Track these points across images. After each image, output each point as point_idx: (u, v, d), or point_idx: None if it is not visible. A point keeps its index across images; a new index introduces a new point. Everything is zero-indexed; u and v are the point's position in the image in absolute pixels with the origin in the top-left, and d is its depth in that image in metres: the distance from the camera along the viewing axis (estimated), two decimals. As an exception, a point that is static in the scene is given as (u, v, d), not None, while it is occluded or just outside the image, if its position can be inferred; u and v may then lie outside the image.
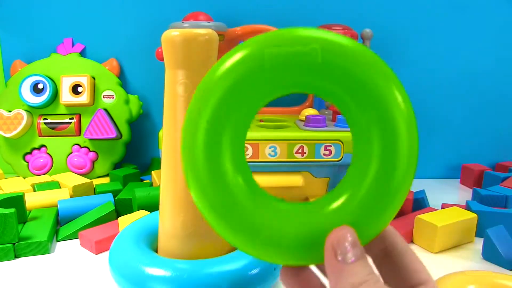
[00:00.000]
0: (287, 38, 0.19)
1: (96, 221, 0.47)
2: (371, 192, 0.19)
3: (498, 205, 0.52)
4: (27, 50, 0.69)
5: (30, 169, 0.64)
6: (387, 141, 0.19)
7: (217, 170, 0.19)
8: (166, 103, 0.33)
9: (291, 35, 0.19)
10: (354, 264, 0.18)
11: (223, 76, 0.19)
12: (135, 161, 0.71)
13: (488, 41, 0.68)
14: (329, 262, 0.18)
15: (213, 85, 0.19)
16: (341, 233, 0.18)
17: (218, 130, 0.19)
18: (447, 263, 0.41)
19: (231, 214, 0.20)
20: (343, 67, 0.19)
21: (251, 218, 0.20)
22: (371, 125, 0.19)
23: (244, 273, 0.30)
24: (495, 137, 0.72)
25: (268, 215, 0.20)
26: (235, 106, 0.19)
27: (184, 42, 0.30)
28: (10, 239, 0.41)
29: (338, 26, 0.57)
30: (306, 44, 0.18)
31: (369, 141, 0.19)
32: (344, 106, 0.20)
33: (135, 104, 0.67)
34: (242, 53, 0.19)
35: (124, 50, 0.69)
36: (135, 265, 0.31)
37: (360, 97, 0.19)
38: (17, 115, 0.63)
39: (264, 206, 0.20)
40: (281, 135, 0.50)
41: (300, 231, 0.19)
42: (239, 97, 0.19)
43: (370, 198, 0.19)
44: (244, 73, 0.19)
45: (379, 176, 0.19)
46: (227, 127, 0.19)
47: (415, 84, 0.69)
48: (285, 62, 0.18)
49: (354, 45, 0.19)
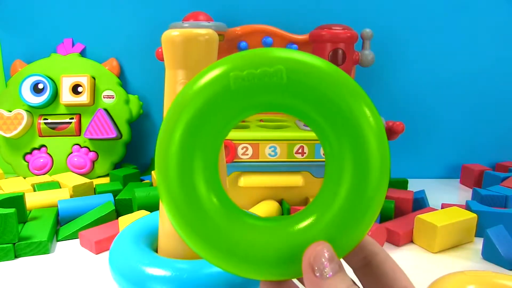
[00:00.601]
0: (252, 60, 0.19)
1: (96, 221, 0.47)
2: (344, 207, 0.19)
3: (498, 205, 0.52)
4: (27, 50, 0.69)
5: (30, 169, 0.64)
6: (358, 157, 0.19)
7: (190, 190, 0.20)
8: (166, 103, 0.33)
9: (256, 57, 0.19)
10: (333, 278, 0.18)
11: (192, 98, 0.19)
12: (135, 161, 0.71)
13: (488, 41, 0.68)
14: (308, 278, 0.18)
15: (183, 108, 0.19)
16: (317, 249, 0.18)
17: (190, 151, 0.19)
18: (447, 263, 0.41)
19: (206, 233, 0.20)
20: (309, 85, 0.19)
21: (227, 237, 0.20)
22: (341, 141, 0.19)
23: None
24: (495, 137, 0.72)
25: (243, 233, 0.20)
26: (205, 128, 0.19)
27: (184, 42, 0.30)
28: (10, 239, 0.41)
29: (338, 26, 0.57)
30: (271, 65, 0.19)
31: (340, 157, 0.19)
32: (315, 124, 0.20)
33: (135, 104, 0.67)
34: (209, 76, 0.19)
35: (124, 50, 0.69)
36: (135, 265, 0.31)
37: (329, 114, 0.19)
38: (17, 115, 0.63)
39: (240, 223, 0.20)
40: (281, 135, 0.50)
41: (277, 248, 0.20)
42: (209, 118, 0.19)
43: (344, 212, 0.19)
44: (211, 96, 0.19)
45: (352, 191, 0.19)
46: (198, 148, 0.20)
47: (415, 84, 0.69)
48: (250, 84, 0.19)
49: (321, 63, 0.19)
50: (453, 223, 0.43)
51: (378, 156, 0.19)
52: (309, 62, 0.19)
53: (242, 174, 0.51)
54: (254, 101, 0.20)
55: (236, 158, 0.50)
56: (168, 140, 0.20)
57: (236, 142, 0.49)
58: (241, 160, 0.50)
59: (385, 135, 0.20)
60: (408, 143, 0.70)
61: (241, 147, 0.49)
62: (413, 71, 0.69)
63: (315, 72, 0.19)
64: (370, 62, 0.59)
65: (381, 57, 0.65)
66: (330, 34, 0.57)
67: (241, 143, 0.49)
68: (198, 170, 0.20)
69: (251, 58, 0.19)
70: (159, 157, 0.20)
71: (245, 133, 0.50)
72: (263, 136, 0.50)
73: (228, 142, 0.49)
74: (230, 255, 0.20)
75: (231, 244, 0.20)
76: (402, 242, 0.45)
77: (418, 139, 0.71)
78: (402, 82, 0.69)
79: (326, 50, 0.57)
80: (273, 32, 0.62)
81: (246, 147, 0.50)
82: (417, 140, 0.71)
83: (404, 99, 0.70)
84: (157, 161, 0.20)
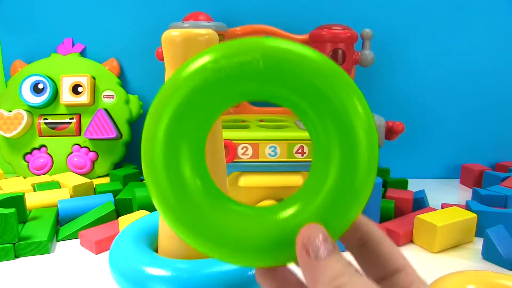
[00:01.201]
0: (230, 50, 0.19)
1: (96, 221, 0.47)
2: (335, 188, 0.19)
3: (498, 205, 0.52)
4: (27, 50, 0.69)
5: (30, 169, 0.64)
6: (345, 137, 0.19)
7: (176, 175, 0.20)
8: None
9: (234, 47, 0.19)
10: (328, 259, 0.17)
11: (178, 88, 0.19)
12: (135, 161, 0.71)
13: (488, 40, 0.68)
14: (303, 261, 0.18)
15: (169, 96, 0.20)
16: (310, 231, 0.18)
17: (176, 138, 0.20)
18: (447, 263, 0.41)
19: (193, 220, 0.20)
20: (287, 70, 0.19)
21: (216, 224, 0.20)
22: (326, 124, 0.19)
23: (243, 273, 0.30)
24: (495, 137, 0.72)
25: (234, 219, 0.20)
26: (191, 117, 0.20)
27: (184, 42, 0.30)
28: (10, 239, 0.41)
29: (338, 26, 0.57)
30: (248, 53, 0.19)
31: (327, 140, 0.19)
32: (300, 111, 0.20)
33: (135, 104, 0.67)
34: (190, 69, 0.19)
35: (124, 50, 0.69)
36: (135, 265, 0.31)
37: (312, 100, 0.19)
38: (17, 115, 0.63)
39: (229, 211, 0.20)
40: (281, 135, 0.50)
41: (268, 233, 0.19)
42: (193, 108, 0.19)
43: (335, 194, 0.19)
44: (193, 87, 0.19)
45: (342, 171, 0.19)
46: (184, 135, 0.20)
47: (415, 84, 0.69)
48: (229, 74, 0.19)
49: (300, 49, 0.19)
50: (453, 223, 0.43)
51: (365, 134, 0.19)
52: (286, 48, 0.19)
53: (242, 174, 0.51)
54: (235, 90, 0.20)
55: (236, 158, 0.50)
56: (155, 126, 0.20)
57: (236, 142, 0.49)
58: (241, 160, 0.50)
59: (370, 112, 0.19)
60: (408, 143, 0.70)
61: (241, 147, 0.49)
62: (413, 71, 0.69)
63: (293, 57, 0.19)
64: (370, 62, 0.59)
65: (381, 57, 0.65)
66: (330, 34, 0.57)
67: (241, 143, 0.49)
68: (184, 158, 0.20)
69: (228, 49, 0.19)
70: (145, 140, 0.20)
71: (245, 133, 0.50)
72: (263, 136, 0.50)
73: (228, 142, 0.49)
74: (221, 242, 0.20)
75: (221, 231, 0.20)
76: (402, 242, 0.45)
77: (418, 139, 0.71)
78: (402, 82, 0.69)
79: (326, 50, 0.57)
80: (273, 32, 0.62)
81: (246, 147, 0.50)
82: (417, 140, 0.71)
83: (404, 99, 0.70)
84: (144, 144, 0.20)
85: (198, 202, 0.20)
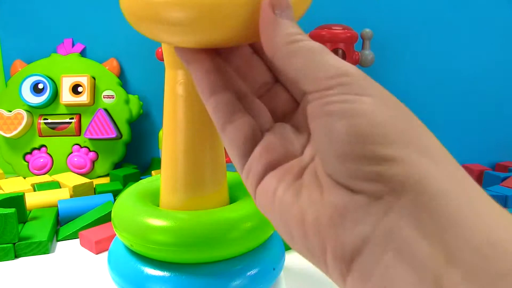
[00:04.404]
0: None
1: (96, 221, 0.47)
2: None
3: (498, 205, 0.52)
4: (27, 50, 0.69)
5: (30, 169, 0.64)
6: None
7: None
8: (166, 103, 0.33)
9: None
10: (289, 20, 0.18)
11: None
12: (135, 161, 0.71)
13: (489, 41, 0.68)
14: (265, 17, 0.18)
15: None
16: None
17: None
18: (447, 263, 0.41)
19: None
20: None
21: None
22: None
23: (243, 273, 0.30)
24: (495, 137, 0.72)
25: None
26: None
27: (184, 42, 0.30)
28: (10, 239, 0.41)
29: (338, 26, 0.58)
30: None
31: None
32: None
33: (135, 104, 0.67)
34: None
35: (124, 50, 0.69)
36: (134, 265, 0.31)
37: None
38: (17, 115, 0.63)
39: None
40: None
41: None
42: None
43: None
44: None
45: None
46: None
47: (415, 84, 0.69)
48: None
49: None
50: (453, 223, 0.43)
51: None
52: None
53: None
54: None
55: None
56: None
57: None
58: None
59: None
60: (408, 143, 0.70)
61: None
62: (413, 71, 0.69)
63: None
64: (370, 62, 0.59)
65: (381, 57, 0.65)
66: (330, 34, 0.57)
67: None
68: None
69: None
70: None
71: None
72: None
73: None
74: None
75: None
76: (402, 242, 0.45)
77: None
78: (402, 82, 0.69)
79: (326, 50, 0.57)
80: (273, 32, 0.62)
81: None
82: (417, 140, 0.71)
83: (403, 99, 0.69)
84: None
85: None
